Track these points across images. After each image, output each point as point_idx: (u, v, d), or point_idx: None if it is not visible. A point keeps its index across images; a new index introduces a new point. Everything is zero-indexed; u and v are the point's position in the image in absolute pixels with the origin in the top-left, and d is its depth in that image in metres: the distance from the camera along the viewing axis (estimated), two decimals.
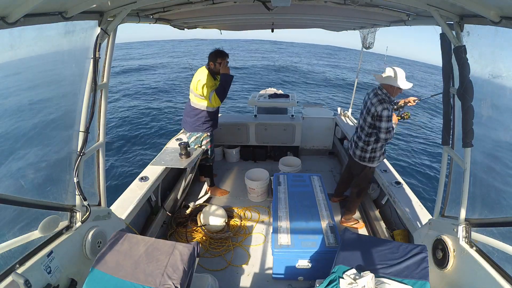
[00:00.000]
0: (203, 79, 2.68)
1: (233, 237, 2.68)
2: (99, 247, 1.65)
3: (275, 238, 2.15)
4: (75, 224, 1.57)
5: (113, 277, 1.35)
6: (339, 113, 4.69)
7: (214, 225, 2.72)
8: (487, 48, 1.41)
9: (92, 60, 1.43)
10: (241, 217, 2.94)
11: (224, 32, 3.66)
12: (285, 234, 2.18)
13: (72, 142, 1.51)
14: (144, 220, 2.69)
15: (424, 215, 2.24)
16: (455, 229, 1.57)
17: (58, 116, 1.64)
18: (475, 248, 1.49)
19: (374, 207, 2.98)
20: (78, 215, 1.57)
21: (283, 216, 2.38)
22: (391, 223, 2.70)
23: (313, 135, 4.36)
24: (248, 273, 2.33)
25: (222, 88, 2.75)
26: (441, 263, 1.64)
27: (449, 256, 1.59)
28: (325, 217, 2.35)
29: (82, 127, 1.48)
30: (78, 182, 1.49)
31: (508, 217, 1.34)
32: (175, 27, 2.74)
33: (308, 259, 2.07)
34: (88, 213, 1.61)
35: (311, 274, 2.12)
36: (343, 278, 1.44)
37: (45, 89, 1.75)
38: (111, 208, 1.96)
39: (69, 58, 1.46)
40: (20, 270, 1.21)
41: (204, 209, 2.84)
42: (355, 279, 1.40)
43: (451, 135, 1.68)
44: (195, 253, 1.53)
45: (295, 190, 2.74)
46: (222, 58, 2.72)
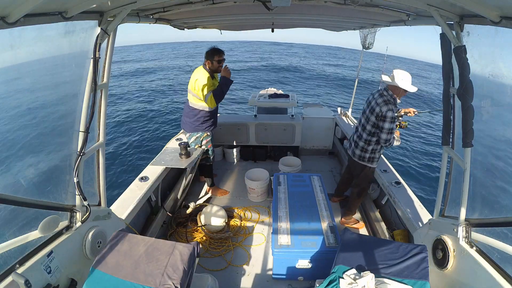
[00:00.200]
0: (200, 79, 2.68)
1: (233, 237, 2.68)
2: (99, 247, 1.65)
3: (275, 238, 2.15)
4: (75, 224, 1.57)
5: (113, 277, 1.35)
6: (339, 113, 4.70)
7: (214, 225, 2.71)
8: (487, 48, 1.41)
9: (92, 60, 1.43)
10: (241, 217, 2.94)
11: (224, 32, 3.66)
12: (285, 234, 2.18)
13: (72, 142, 1.51)
14: (144, 220, 2.69)
15: (424, 215, 2.24)
16: (455, 229, 1.57)
17: (58, 116, 1.64)
18: (475, 248, 1.49)
19: (374, 207, 2.98)
20: (78, 215, 1.57)
21: (283, 216, 2.38)
22: (391, 223, 2.70)
23: (313, 135, 4.36)
24: (248, 273, 2.33)
25: (220, 91, 2.77)
26: (441, 263, 1.64)
27: (449, 256, 1.59)
28: (325, 217, 2.36)
29: (82, 127, 1.48)
30: (78, 182, 1.49)
31: (508, 217, 1.34)
32: (175, 27, 2.75)
33: (308, 259, 2.07)
34: (88, 213, 1.61)
35: (311, 274, 2.12)
36: (343, 278, 1.44)
37: (45, 89, 1.75)
38: (111, 208, 1.96)
39: (69, 58, 1.46)
40: (20, 270, 1.21)
41: (204, 209, 2.84)
42: (355, 279, 1.40)
43: (451, 135, 1.68)
44: (195, 253, 1.53)
45: (295, 190, 2.74)
46: (219, 55, 2.73)
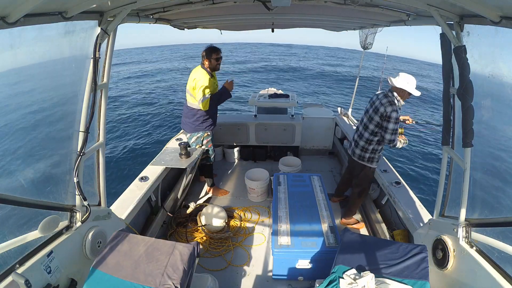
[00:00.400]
0: (200, 79, 2.68)
1: (233, 237, 2.68)
2: (99, 247, 1.65)
3: (275, 238, 2.14)
4: (75, 224, 1.57)
5: (113, 277, 1.35)
6: (339, 113, 4.70)
7: (214, 225, 2.71)
8: (487, 48, 1.41)
9: (92, 60, 1.43)
10: (241, 217, 2.94)
11: (224, 33, 3.66)
12: (285, 234, 2.17)
13: (72, 142, 1.51)
14: (144, 220, 2.69)
15: (424, 215, 2.24)
16: (455, 229, 1.57)
17: (58, 116, 1.64)
18: (475, 248, 1.49)
19: (374, 207, 2.98)
20: (78, 215, 1.57)
21: (283, 216, 2.38)
22: (391, 223, 2.70)
23: (313, 135, 4.36)
24: (248, 273, 2.33)
25: (218, 97, 2.84)
26: (441, 263, 1.64)
27: (449, 256, 1.59)
28: (325, 217, 2.35)
29: (82, 127, 1.48)
30: (78, 182, 1.49)
31: (508, 217, 1.34)
32: (175, 27, 2.75)
33: (308, 259, 2.07)
34: (88, 213, 1.60)
35: (311, 274, 2.12)
36: (343, 278, 1.44)
37: (45, 89, 1.74)
38: (111, 208, 1.96)
39: (69, 58, 1.46)
40: (20, 270, 1.21)
41: (204, 209, 2.84)
42: (355, 279, 1.40)
43: (451, 135, 1.68)
44: (195, 253, 1.53)
45: (295, 190, 2.74)
46: (217, 53, 2.76)
